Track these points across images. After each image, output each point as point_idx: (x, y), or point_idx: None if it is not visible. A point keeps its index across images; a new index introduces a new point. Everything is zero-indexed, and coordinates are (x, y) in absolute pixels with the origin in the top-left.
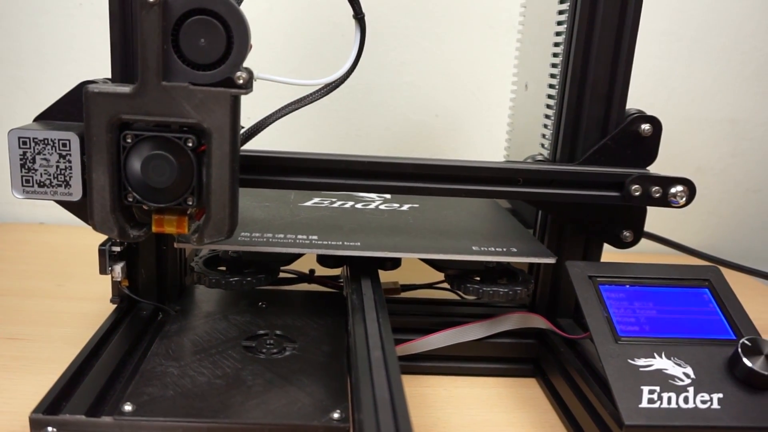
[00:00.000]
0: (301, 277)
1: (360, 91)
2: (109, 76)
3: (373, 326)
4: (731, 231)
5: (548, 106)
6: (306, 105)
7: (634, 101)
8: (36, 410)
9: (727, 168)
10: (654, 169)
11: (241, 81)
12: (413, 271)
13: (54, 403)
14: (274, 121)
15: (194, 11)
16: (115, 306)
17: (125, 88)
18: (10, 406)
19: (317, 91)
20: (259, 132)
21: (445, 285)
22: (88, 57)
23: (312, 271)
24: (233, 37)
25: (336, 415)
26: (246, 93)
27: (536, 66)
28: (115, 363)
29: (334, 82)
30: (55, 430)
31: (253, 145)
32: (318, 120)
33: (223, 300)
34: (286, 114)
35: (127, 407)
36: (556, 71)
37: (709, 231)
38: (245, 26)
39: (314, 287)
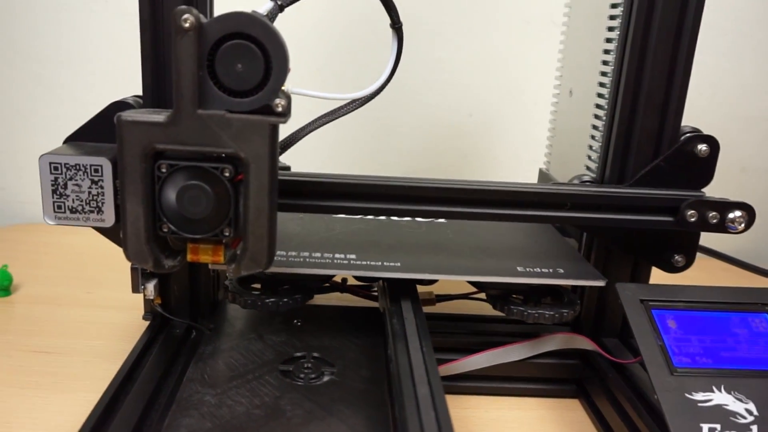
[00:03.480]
0: (334, 287)
1: (392, 88)
2: (134, 77)
3: (417, 356)
4: None
5: (596, 117)
6: (340, 117)
7: None
8: None
9: None
10: None
11: (280, 108)
12: (446, 282)
13: None
14: (307, 134)
15: (231, 35)
16: (146, 321)
17: (159, 117)
18: (39, 425)
19: (352, 102)
20: (292, 146)
21: (481, 295)
22: (111, 54)
23: (344, 280)
24: (271, 61)
25: None
26: (285, 121)
27: (583, 72)
28: (150, 389)
29: (370, 94)
30: None
31: (285, 158)
32: (349, 118)
33: (257, 317)
34: (320, 126)
35: None
36: (606, 80)
37: (752, 234)
38: (284, 50)
39: (346, 298)
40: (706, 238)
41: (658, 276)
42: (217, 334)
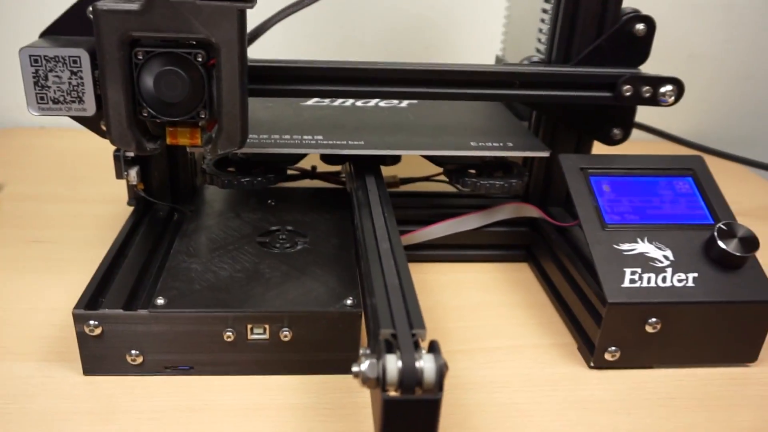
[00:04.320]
0: (305, 174)
1: None
2: None
3: (380, 220)
4: (720, 117)
5: (546, 1)
6: (305, 7)
7: None
8: (78, 306)
9: (719, 54)
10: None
11: None
12: (411, 165)
13: (92, 299)
14: (273, 25)
15: None
16: (129, 208)
17: (134, 6)
18: (46, 303)
19: None
20: (259, 36)
21: (442, 177)
22: None
23: (314, 168)
24: None
25: (349, 302)
26: (251, 6)
27: None
28: (141, 261)
29: None
30: (96, 323)
31: (254, 51)
32: (313, 10)
33: (234, 199)
34: (285, 17)
35: (160, 301)
36: None
37: (698, 117)
38: None
39: (316, 183)
40: (655, 119)
41: (599, 149)
42: (197, 214)
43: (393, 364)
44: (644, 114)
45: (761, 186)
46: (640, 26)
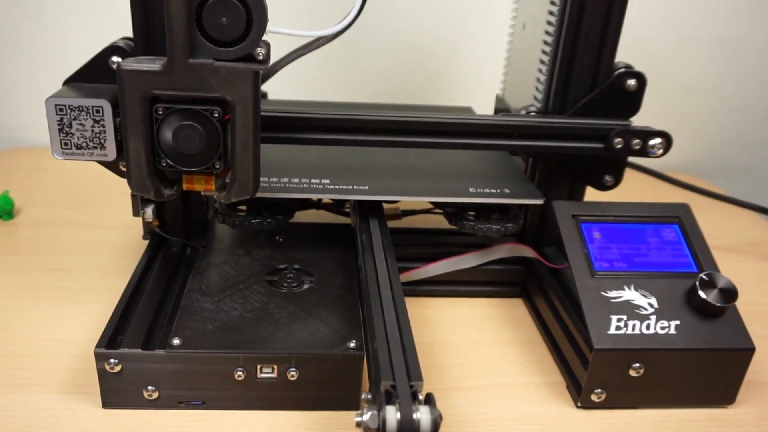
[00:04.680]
0: (310, 205)
1: (362, 13)
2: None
3: (382, 266)
4: (714, 149)
5: (544, 52)
6: (313, 50)
7: (630, 21)
8: (99, 345)
9: (715, 88)
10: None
11: (260, 57)
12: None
13: (112, 337)
14: (281, 68)
15: None
16: (142, 236)
17: (155, 66)
18: (64, 333)
19: (321, 38)
20: (269, 78)
21: (441, 210)
22: None
23: (320, 200)
24: (252, 15)
25: (352, 345)
26: (265, 68)
27: (535, 7)
28: (157, 298)
29: (338, 31)
30: (116, 361)
31: (263, 85)
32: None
33: (243, 235)
34: (294, 60)
35: (176, 341)
36: (552, 18)
37: (693, 150)
38: (263, 4)
39: (321, 215)
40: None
41: (593, 193)
42: (209, 250)
43: (392, 415)
44: None
45: (749, 220)
46: (631, 82)
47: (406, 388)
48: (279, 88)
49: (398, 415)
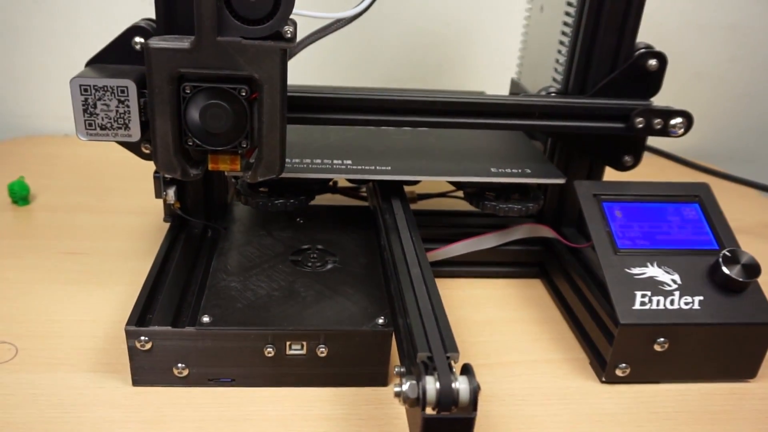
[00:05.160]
0: (327, 189)
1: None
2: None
3: (409, 245)
4: (723, 134)
5: (564, 33)
6: (328, 34)
7: None
8: (129, 322)
9: (724, 74)
10: None
11: (288, 34)
12: (427, 182)
13: (141, 315)
14: (300, 51)
15: None
16: (159, 220)
17: (183, 44)
18: (88, 314)
19: (338, 21)
20: (288, 60)
21: (457, 194)
22: None
23: (335, 184)
24: None
25: (380, 321)
26: (293, 46)
27: None
28: (183, 278)
29: (357, 13)
30: (146, 338)
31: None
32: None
33: (263, 217)
34: (313, 42)
35: (206, 318)
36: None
37: (702, 135)
38: None
39: (336, 199)
40: (659, 137)
41: (610, 174)
42: (230, 232)
43: (432, 385)
44: None
45: (760, 203)
46: (652, 62)
47: (443, 359)
48: (291, 75)
49: (437, 384)
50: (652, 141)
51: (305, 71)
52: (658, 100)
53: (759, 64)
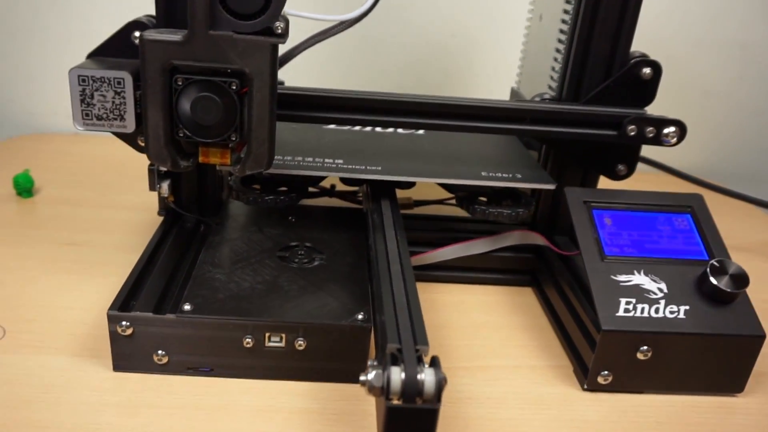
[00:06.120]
0: (324, 192)
1: (381, 9)
2: (149, 10)
3: (392, 243)
4: (732, 153)
5: (559, 41)
6: (330, 37)
7: (648, 23)
8: (112, 307)
9: (733, 92)
10: (662, 91)
11: (279, 30)
12: (426, 188)
13: (125, 301)
14: (300, 52)
15: None
16: (156, 216)
17: (176, 36)
18: (79, 302)
19: (341, 23)
20: (287, 63)
21: (454, 201)
22: None
23: (333, 187)
24: None
25: (360, 317)
26: (284, 41)
27: None
28: (170, 268)
29: (358, 16)
30: (128, 323)
31: (282, 75)
32: (340, 37)
33: (257, 214)
34: (312, 45)
35: (187, 306)
36: (569, 7)
37: (709, 152)
38: None
39: (334, 201)
40: (668, 155)
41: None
42: (222, 227)
43: (397, 375)
44: (657, 147)
45: (765, 221)
46: (646, 70)
47: (411, 351)
48: (296, 79)
49: (403, 375)
50: (659, 156)
51: (311, 77)
52: (668, 116)
53: (766, 83)
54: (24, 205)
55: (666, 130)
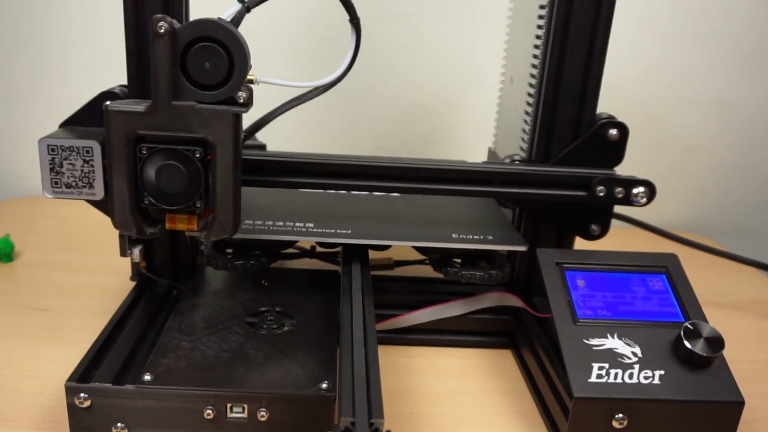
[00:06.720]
0: (304, 253)
1: (363, 72)
2: (121, 62)
3: (358, 308)
4: (716, 207)
5: (528, 103)
6: (305, 102)
7: (628, 83)
8: (70, 379)
9: (715, 147)
10: (645, 148)
11: (241, 100)
12: (406, 249)
13: (85, 372)
14: (275, 117)
15: (199, 39)
16: (133, 282)
17: (140, 107)
18: (45, 372)
19: (316, 89)
20: (262, 127)
21: None
22: (101, 41)
23: (313, 248)
24: (234, 60)
25: (324, 385)
26: (246, 111)
27: (521, 62)
28: (135, 337)
29: (331, 82)
30: (86, 395)
31: (262, 136)
32: (324, 99)
33: (230, 278)
34: (287, 110)
35: (147, 377)
36: (535, 71)
37: (696, 208)
38: (245, 51)
39: (315, 263)
40: (646, 211)
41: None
42: (194, 292)
43: None
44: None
45: (751, 278)
46: (613, 131)
47: (365, 425)
48: (279, 146)
49: None
50: (642, 212)
51: (293, 141)
52: (652, 172)
53: (747, 139)
54: (2, 270)
55: (635, 190)
